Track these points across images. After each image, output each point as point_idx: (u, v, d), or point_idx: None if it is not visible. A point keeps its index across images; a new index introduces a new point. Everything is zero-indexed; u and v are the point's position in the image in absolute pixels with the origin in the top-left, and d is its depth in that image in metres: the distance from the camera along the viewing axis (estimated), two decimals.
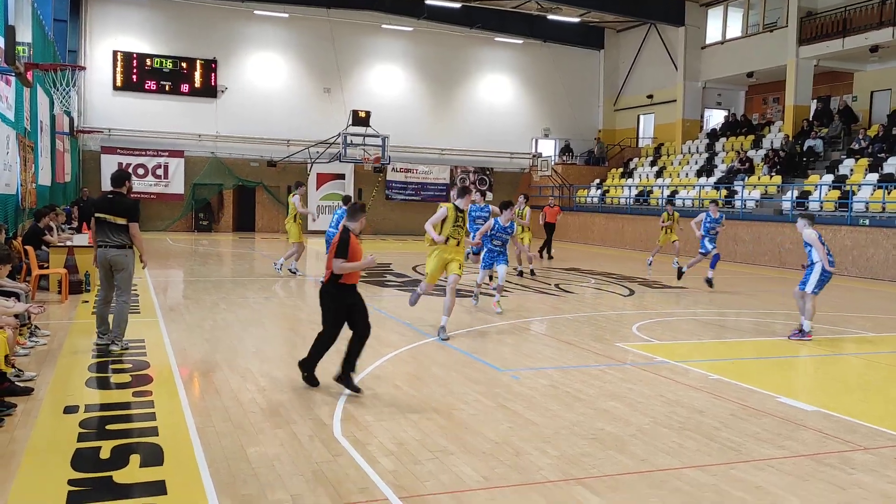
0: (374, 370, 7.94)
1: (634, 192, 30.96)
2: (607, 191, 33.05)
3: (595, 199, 32.89)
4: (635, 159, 35.23)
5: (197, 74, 31.16)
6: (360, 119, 30.33)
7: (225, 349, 8.76)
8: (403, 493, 4.63)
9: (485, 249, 12.80)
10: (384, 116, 31.67)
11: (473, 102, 35.90)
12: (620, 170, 34.88)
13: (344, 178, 32.76)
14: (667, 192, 28.87)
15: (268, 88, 32.37)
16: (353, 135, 30.08)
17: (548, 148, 37.48)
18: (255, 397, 6.72)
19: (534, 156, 35.72)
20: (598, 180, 34.75)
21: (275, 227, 32.03)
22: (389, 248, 26.75)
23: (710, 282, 16.36)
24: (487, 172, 35.42)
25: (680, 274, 17.36)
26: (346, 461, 5.17)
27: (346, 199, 16.25)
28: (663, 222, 20.78)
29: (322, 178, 32.40)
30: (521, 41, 35.96)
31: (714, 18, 32.14)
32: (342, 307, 6.99)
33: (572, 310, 12.85)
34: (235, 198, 31.89)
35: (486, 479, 4.94)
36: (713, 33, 32.17)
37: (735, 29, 31.29)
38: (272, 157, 31.34)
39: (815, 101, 28.35)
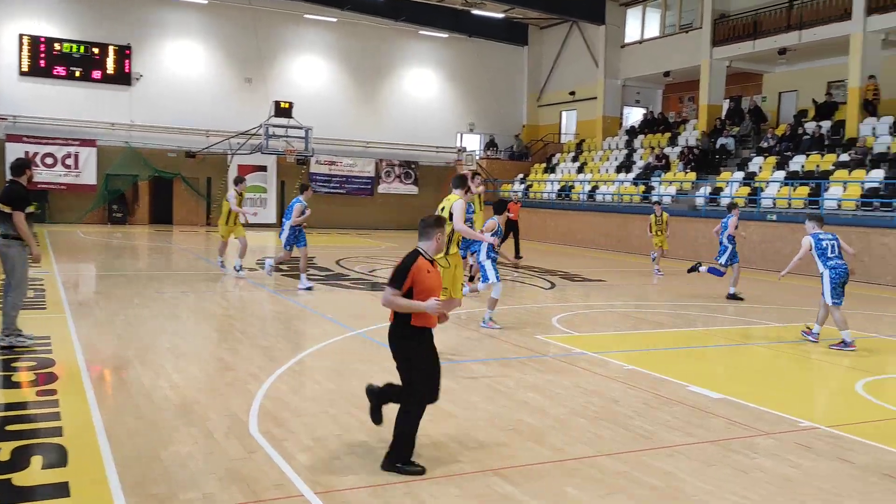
0: (294, 365, 7.83)
1: (557, 186, 31.50)
2: (531, 185, 33.52)
3: (519, 194, 33.29)
4: (558, 154, 35.85)
5: (110, 61, 29.93)
6: (283, 110, 29.82)
7: (137, 345, 8.47)
8: (320, 489, 4.58)
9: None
10: (307, 108, 31.21)
11: (399, 95, 35.79)
12: (543, 165, 35.43)
13: (266, 171, 32.12)
14: (590, 187, 29.48)
15: (186, 77, 31.41)
16: (275, 126, 29.57)
17: (473, 142, 37.72)
18: (169, 394, 6.52)
19: (459, 150, 35.89)
20: (521, 175, 35.20)
21: (194, 219, 31.16)
22: (313, 241, 26.40)
23: (735, 296, 14.48)
24: (413, 166, 35.39)
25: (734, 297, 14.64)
26: (262, 458, 5.08)
27: (302, 188, 14.12)
28: (651, 226, 18.74)
29: (243, 170, 31.57)
30: (446, 35, 36.03)
31: (633, 18, 32.98)
32: (425, 351, 5.15)
33: (501, 301, 12.95)
34: (152, 189, 30.81)
35: None
36: (632, 32, 33.00)
37: (653, 29, 32.19)
38: (191, 148, 30.43)
39: (727, 100, 29.43)
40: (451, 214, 8.84)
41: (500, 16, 35.49)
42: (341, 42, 34.27)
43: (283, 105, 29.84)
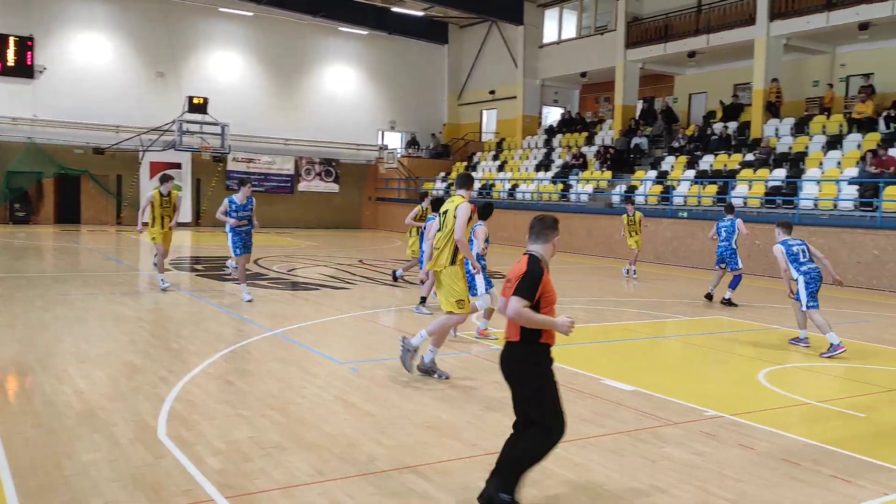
0: (207, 367, 7.62)
1: (478, 185, 31.77)
2: (451, 184, 33.69)
3: (440, 192, 33.40)
4: (479, 153, 36.16)
5: (10, 52, 28.46)
6: (197, 106, 29.05)
7: (39, 350, 8.07)
8: (231, 493, 4.47)
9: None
10: (224, 104, 30.50)
11: (319, 93, 35.36)
12: (465, 163, 35.67)
13: (180, 168, 31.17)
14: (510, 185, 29.85)
15: (94, 70, 30.16)
16: (189, 122, 28.76)
17: (394, 140, 37.65)
18: (72, 400, 6.24)
19: (380, 148, 35.76)
20: (443, 173, 35.34)
21: (103, 218, 29.97)
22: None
23: (730, 302, 13.62)
24: (333, 164, 35.04)
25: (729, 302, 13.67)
26: (170, 463, 4.92)
27: (241, 182, 12.20)
28: (624, 227, 18.00)
29: (156, 167, 30.57)
30: (366, 32, 35.81)
31: (550, 19, 33.58)
32: (552, 375, 4.36)
33: (415, 301, 12.95)
34: (57, 187, 29.46)
35: (320, 472, 4.87)
36: (550, 33, 33.59)
37: (570, 30, 32.86)
38: (100, 144, 29.27)
39: (641, 101, 30.33)
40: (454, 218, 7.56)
41: (421, 14, 35.53)
42: (259, 37, 33.60)
43: (196, 100, 29.07)
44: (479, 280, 9.44)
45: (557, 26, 33.24)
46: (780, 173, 20.98)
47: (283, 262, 18.97)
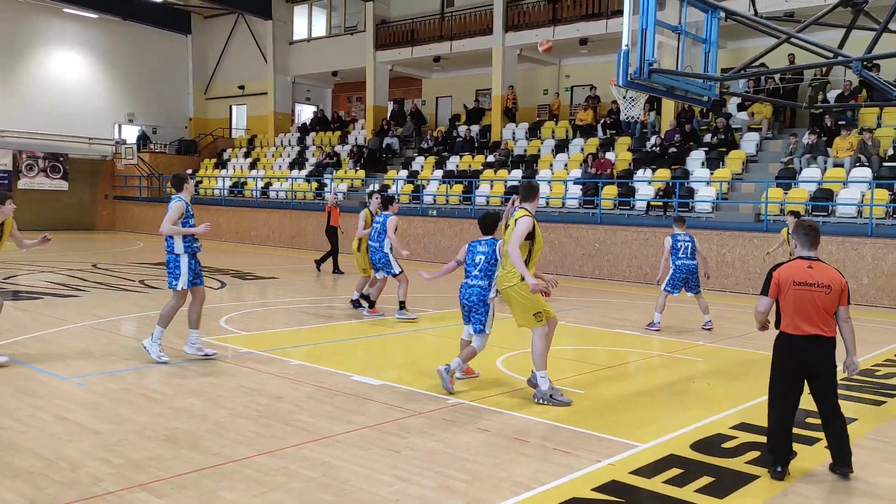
0: None
1: (229, 183, 30.57)
2: (200, 181, 32.07)
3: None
4: (229, 150, 34.80)
5: None
6: None
7: None
8: None
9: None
10: None
11: (41, 80, 31.74)
12: (214, 160, 34.13)
13: None
14: (263, 183, 29.07)
15: None
16: None
17: (133, 134, 34.93)
18: None
19: (117, 142, 33.00)
20: (190, 170, 33.47)
21: None
22: None
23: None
24: (61, 159, 31.63)
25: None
26: None
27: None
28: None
29: None
30: (96, 16, 32.72)
31: (300, 16, 33.23)
32: None
33: (157, 307, 12.09)
34: None
35: (34, 502, 4.35)
36: (300, 30, 33.24)
37: (320, 28, 32.77)
38: None
39: (391, 102, 31.11)
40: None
41: (159, 0, 33.33)
42: None
43: None
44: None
45: (308, 23, 32.98)
46: (518, 174, 22.68)
47: (0, 268, 16.77)
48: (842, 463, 5.16)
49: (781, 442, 5.17)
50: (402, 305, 11.69)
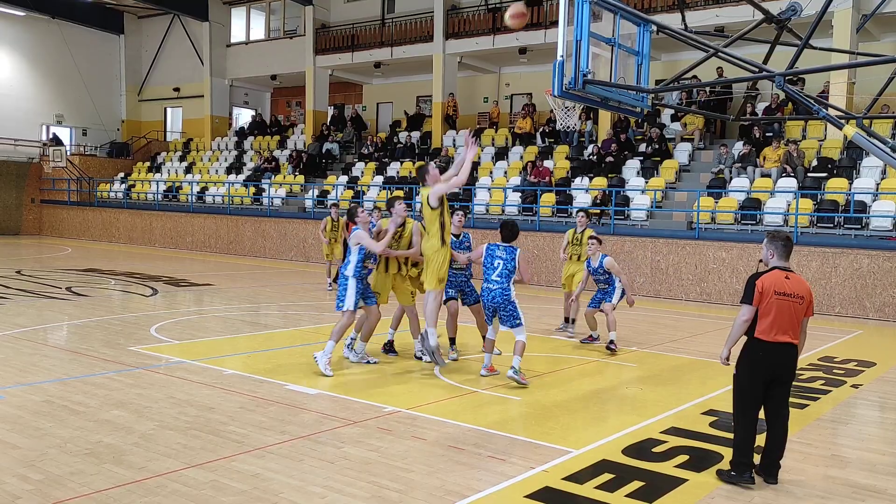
0: None
1: (163, 187, 29.81)
2: (133, 185, 31.19)
3: (119, 195, 30.74)
4: (164, 153, 33.96)
5: None
6: None
7: None
8: None
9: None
10: None
11: None
12: (148, 164, 33.25)
13: None
14: (199, 188, 28.44)
15: None
16: None
17: (63, 136, 33.75)
18: None
19: (44, 144, 31.83)
20: (122, 174, 32.57)
21: None
22: None
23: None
24: None
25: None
26: None
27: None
28: (325, 231, 16.45)
29: None
30: (22, 13, 31.46)
31: (238, 18, 32.69)
32: None
33: (84, 315, 11.73)
34: None
35: None
36: (238, 33, 32.70)
37: (258, 31, 32.30)
38: None
39: (332, 107, 30.88)
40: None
41: None
42: None
43: None
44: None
45: (245, 26, 32.47)
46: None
47: None
48: (768, 473, 5.31)
49: (750, 455, 5.27)
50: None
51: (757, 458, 5.37)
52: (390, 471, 5.24)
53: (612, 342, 10.08)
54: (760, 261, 5.59)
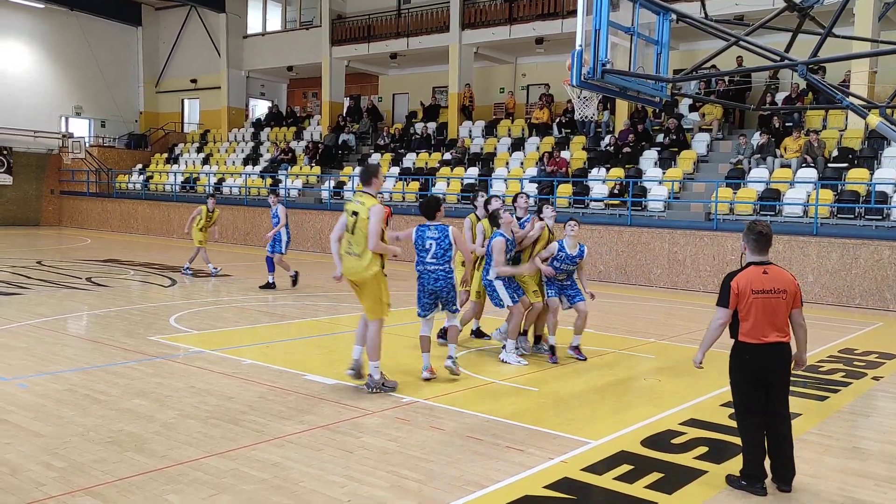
0: None
1: (181, 178, 29.99)
2: (151, 177, 31.40)
3: (138, 186, 30.96)
4: (181, 145, 34.14)
5: None
6: None
7: None
8: None
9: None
10: None
11: None
12: (165, 155, 33.46)
13: None
14: (216, 179, 28.61)
15: None
16: None
17: (81, 128, 34.03)
18: None
19: (63, 136, 32.09)
20: (140, 165, 32.78)
21: None
22: None
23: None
24: (5, 152, 30.64)
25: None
26: None
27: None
28: (198, 221, 16.16)
29: None
30: (42, 6, 31.74)
31: (254, 9, 32.73)
32: None
33: (104, 305, 11.85)
34: None
35: None
36: (254, 24, 32.75)
37: (275, 22, 32.34)
38: None
39: (348, 98, 30.88)
40: None
41: None
42: None
43: None
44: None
45: (262, 17, 32.51)
46: (473, 171, 22.72)
47: None
48: (780, 480, 5.00)
49: (761, 466, 4.95)
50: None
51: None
52: (409, 460, 5.26)
53: (553, 347, 8.91)
54: (742, 254, 5.16)
